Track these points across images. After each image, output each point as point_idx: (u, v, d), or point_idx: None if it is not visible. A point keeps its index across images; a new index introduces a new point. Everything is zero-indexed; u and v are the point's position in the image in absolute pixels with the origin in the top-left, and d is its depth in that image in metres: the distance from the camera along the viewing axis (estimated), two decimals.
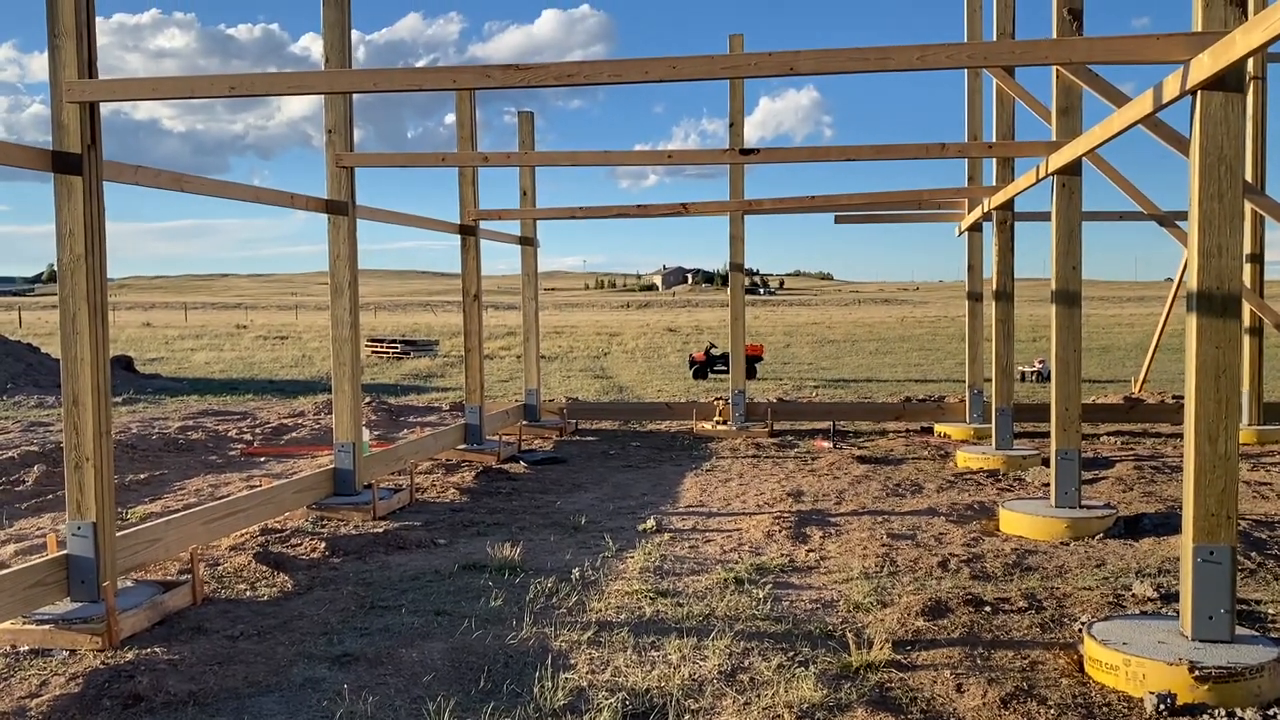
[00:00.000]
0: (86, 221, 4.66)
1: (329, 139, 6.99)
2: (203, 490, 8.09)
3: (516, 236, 11.26)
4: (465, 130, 9.20)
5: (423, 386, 17.46)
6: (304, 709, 3.70)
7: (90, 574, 4.71)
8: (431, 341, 27.57)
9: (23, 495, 7.79)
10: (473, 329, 9.84)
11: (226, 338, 34.46)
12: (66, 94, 4.58)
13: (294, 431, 11.29)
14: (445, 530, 6.56)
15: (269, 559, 5.69)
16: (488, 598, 4.99)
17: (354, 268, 7.14)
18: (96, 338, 4.73)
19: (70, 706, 3.73)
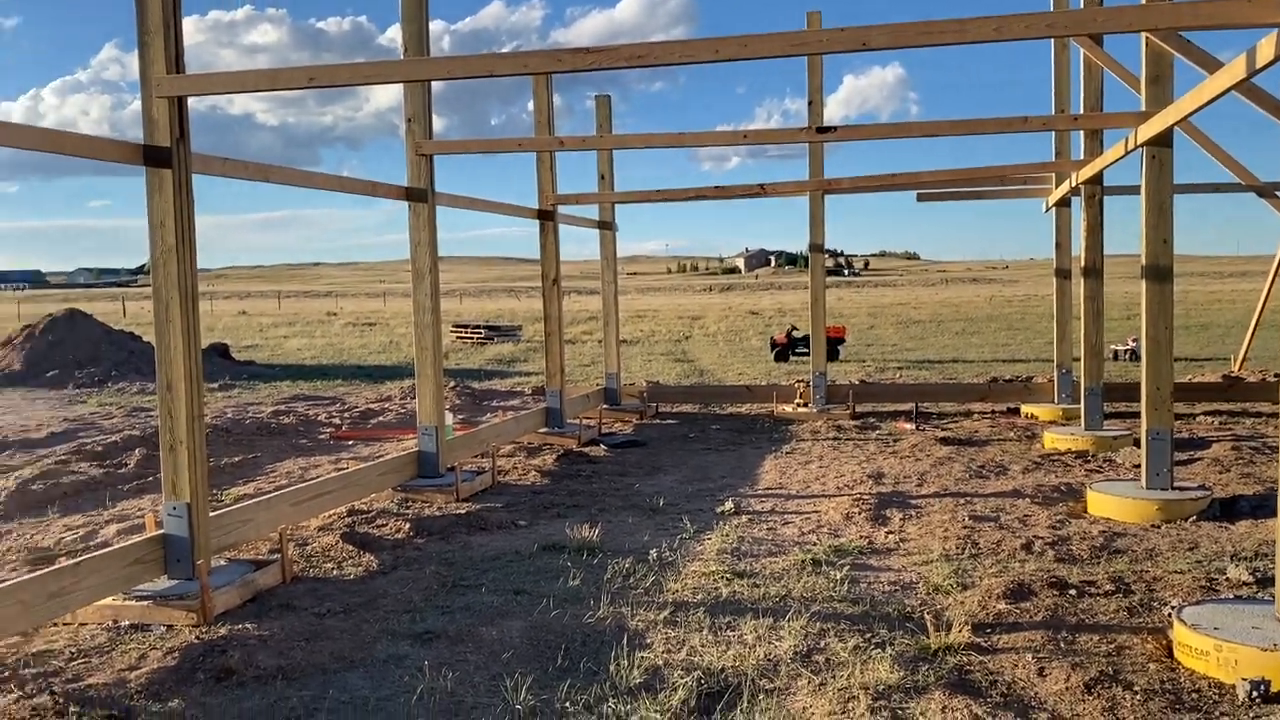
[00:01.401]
0: (177, 213, 4.82)
1: (409, 127, 7.11)
2: (293, 473, 8.34)
3: (595, 221, 11.31)
4: (542, 115, 9.25)
5: (505, 371, 17.69)
6: (387, 684, 3.80)
7: (185, 553, 4.89)
8: (515, 327, 27.88)
9: (125, 478, 8.12)
10: (553, 313, 9.93)
11: (317, 325, 35.35)
12: (156, 89, 4.74)
13: (381, 416, 11.55)
14: (526, 512, 6.65)
15: (355, 539, 5.85)
16: (566, 578, 5.05)
17: (434, 253, 7.26)
18: (188, 326, 4.90)
19: (167, 679, 3.89)
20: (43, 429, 10.97)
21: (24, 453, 9.38)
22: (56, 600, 4.33)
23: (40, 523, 6.69)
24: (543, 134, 9.08)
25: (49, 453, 9.16)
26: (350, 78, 4.76)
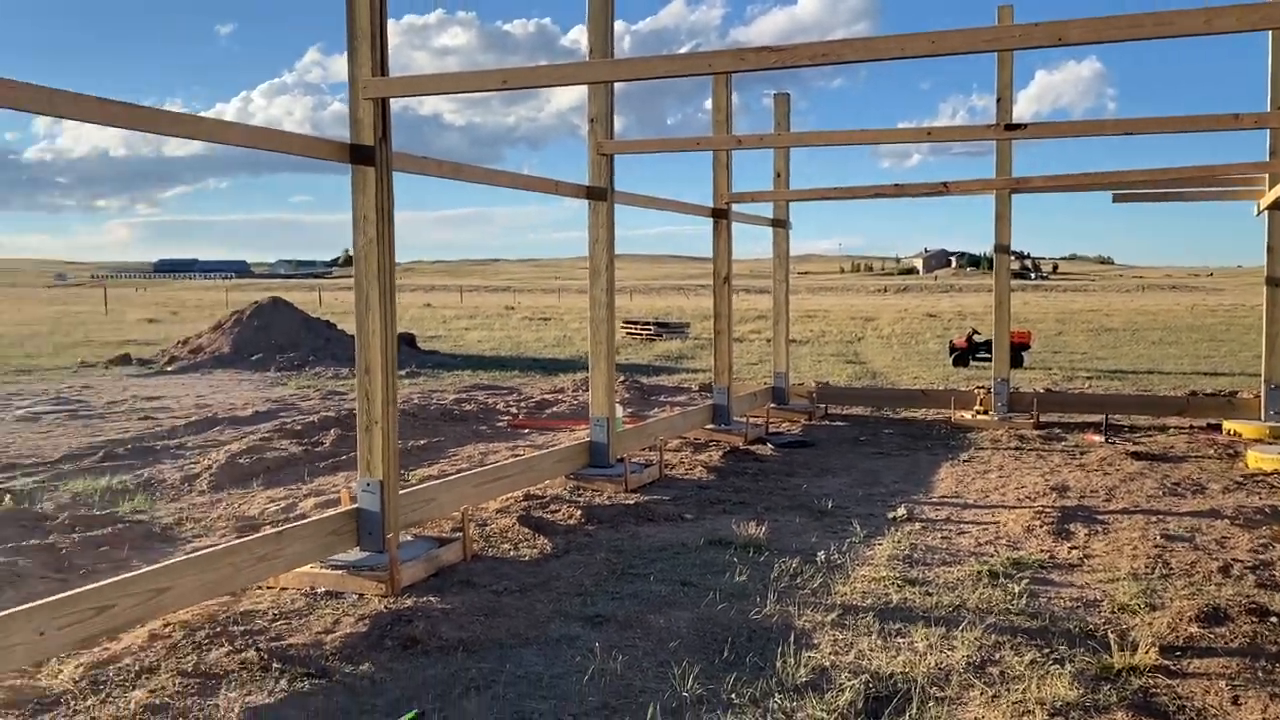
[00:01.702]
0: (378, 208, 5.13)
1: (591, 127, 7.30)
2: (473, 457, 8.70)
3: (769, 219, 11.28)
4: (720, 114, 9.31)
5: (673, 367, 17.87)
6: (560, 662, 3.94)
7: (376, 527, 5.20)
8: (683, 324, 28.09)
9: (321, 455, 8.67)
10: (723, 311, 9.98)
11: (496, 318, 36.62)
12: (362, 91, 5.06)
13: (555, 406, 11.89)
14: (693, 506, 6.73)
15: (530, 522, 6.07)
16: (732, 573, 5.10)
17: (611, 251, 7.43)
18: (385, 314, 5.20)
19: (358, 644, 4.16)
20: (248, 408, 11.82)
21: (232, 429, 10.15)
22: (263, 564, 4.69)
23: (246, 494, 7.23)
24: (720, 132, 9.13)
25: (254, 430, 9.87)
26: (539, 80, 4.94)
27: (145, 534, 6.00)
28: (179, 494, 7.23)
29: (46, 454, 8.66)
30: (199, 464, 8.07)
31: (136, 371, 16.76)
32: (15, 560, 5.19)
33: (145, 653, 4.07)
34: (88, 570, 5.25)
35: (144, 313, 39.74)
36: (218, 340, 18.97)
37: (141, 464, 8.25)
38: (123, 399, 12.81)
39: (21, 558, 5.26)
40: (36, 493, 7.11)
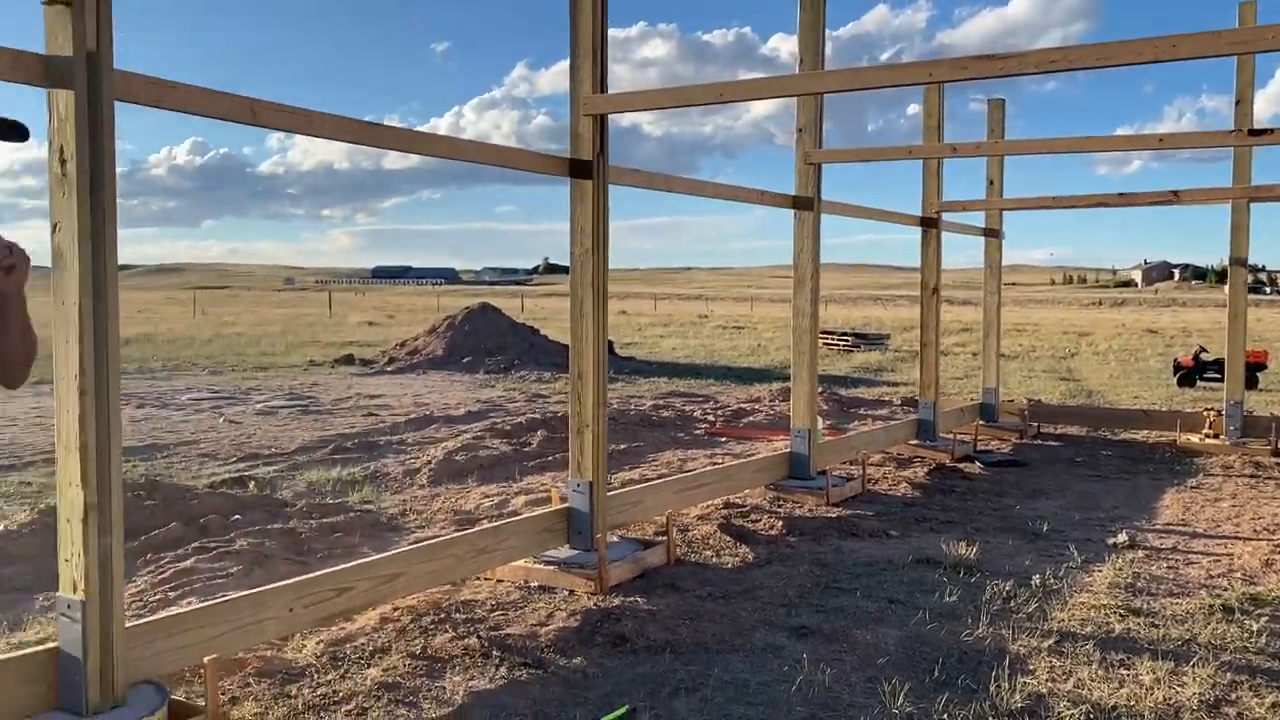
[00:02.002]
0: (594, 220, 5.32)
1: (799, 137, 7.29)
2: (672, 463, 8.83)
3: (980, 228, 10.92)
4: (932, 121, 9.09)
5: (872, 380, 17.53)
6: (766, 670, 3.97)
7: (585, 526, 5.38)
8: (882, 335, 27.49)
9: (529, 455, 9.02)
10: (930, 323, 9.73)
11: (690, 326, 36.94)
12: (583, 108, 5.26)
13: (751, 415, 11.91)
14: (897, 522, 6.60)
15: (732, 530, 6.12)
16: (941, 593, 4.97)
17: (817, 261, 7.40)
18: (598, 321, 5.38)
19: (570, 638, 4.32)
20: (460, 407, 12.44)
21: (447, 427, 10.71)
22: (482, 557, 4.95)
23: (462, 489, 7.62)
24: (932, 140, 8.92)
25: (467, 428, 10.38)
26: (755, 93, 4.99)
27: (373, 523, 6.43)
28: (402, 487, 7.70)
29: (283, 445, 9.40)
30: (418, 459, 8.56)
31: (359, 371, 17.92)
32: (263, 542, 5.68)
33: (377, 634, 4.38)
34: (324, 554, 5.68)
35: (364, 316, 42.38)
36: (432, 343, 20.03)
37: (367, 457, 8.83)
38: (348, 396, 13.74)
39: (268, 540, 5.75)
40: (277, 481, 7.74)
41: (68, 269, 3.20)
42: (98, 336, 3.22)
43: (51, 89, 3.22)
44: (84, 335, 3.19)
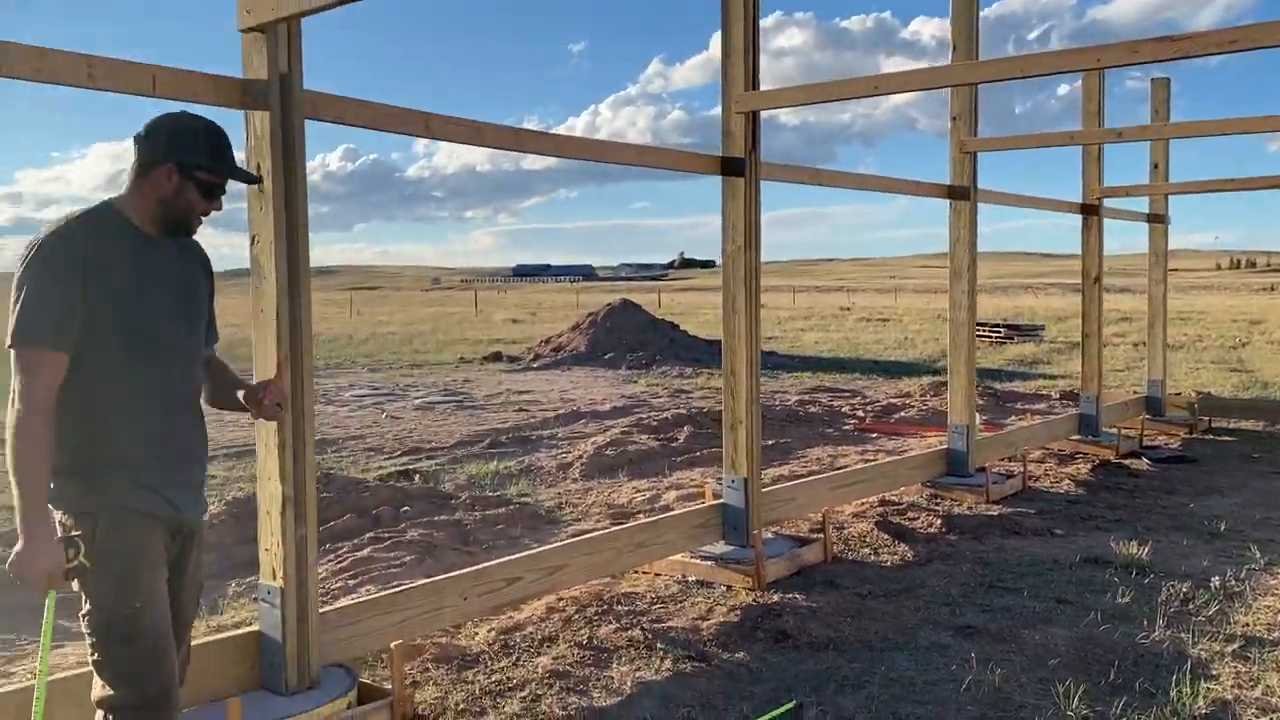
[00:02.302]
0: (746, 217, 5.34)
1: (953, 125, 7.14)
2: (821, 459, 8.78)
3: (1144, 214, 10.43)
4: (1092, 105, 8.74)
5: (1027, 373, 16.95)
6: (932, 669, 3.93)
7: (740, 522, 5.42)
8: (1036, 326, 26.50)
9: (677, 450, 9.11)
10: (1092, 313, 9.36)
11: (831, 319, 36.44)
12: (735, 105, 5.29)
13: (901, 411, 11.70)
14: (1061, 521, 6.39)
15: (889, 528, 6.05)
16: (1113, 594, 4.81)
17: (973, 251, 7.23)
18: (751, 318, 5.40)
19: (732, 633, 4.38)
20: (606, 403, 12.65)
21: (595, 422, 10.91)
22: (641, 550, 5.05)
23: (614, 483, 7.77)
24: (1092, 125, 8.57)
25: (614, 424, 10.55)
26: (910, 84, 4.92)
27: (532, 515, 6.63)
28: (555, 480, 7.91)
29: (443, 440, 9.78)
30: (570, 454, 8.77)
31: (507, 367, 18.42)
32: (431, 533, 5.94)
33: (544, 623, 4.53)
34: (488, 545, 5.90)
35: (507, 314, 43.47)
36: (575, 340, 20.41)
37: (521, 451, 9.10)
38: (498, 392, 14.15)
39: (436, 531, 6.00)
40: (439, 474, 8.06)
41: (266, 278, 3.43)
42: (294, 341, 3.45)
43: (249, 110, 3.46)
44: (281, 340, 3.42)
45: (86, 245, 2.37)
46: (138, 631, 2.41)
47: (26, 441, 2.27)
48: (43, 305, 2.30)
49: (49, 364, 2.31)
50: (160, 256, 2.52)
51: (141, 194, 2.50)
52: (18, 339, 2.29)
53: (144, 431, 2.46)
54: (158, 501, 2.48)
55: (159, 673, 2.45)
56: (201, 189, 2.52)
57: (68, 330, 2.33)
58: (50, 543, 2.29)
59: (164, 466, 2.50)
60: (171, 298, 2.52)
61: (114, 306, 2.38)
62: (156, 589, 2.47)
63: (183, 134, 2.51)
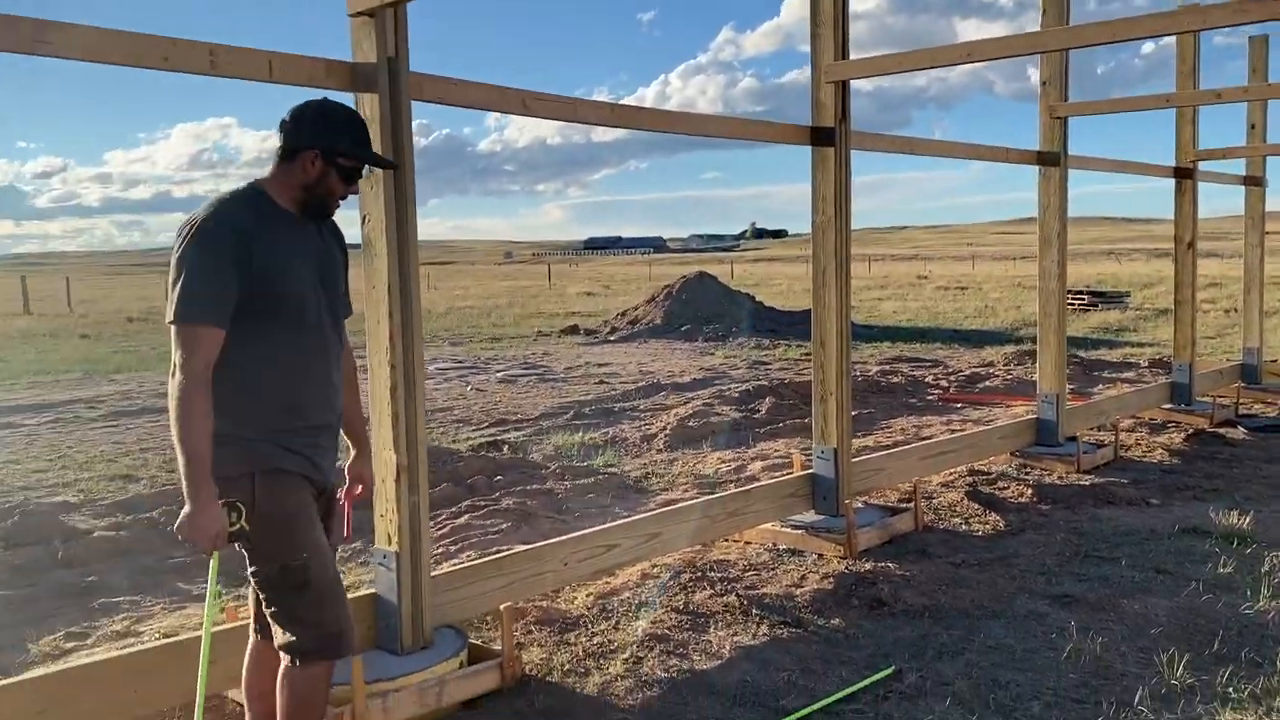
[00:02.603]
0: (836, 187, 5.34)
1: (1043, 90, 7.01)
2: (906, 429, 8.74)
3: (1240, 176, 10.11)
4: (1186, 65, 8.49)
5: (1114, 340, 16.59)
6: (1031, 637, 3.95)
7: (831, 491, 5.46)
8: (1121, 293, 25.83)
9: (759, 421, 9.15)
10: (1185, 279, 9.13)
11: (909, 288, 35.94)
12: (825, 75, 5.28)
13: (985, 380, 11.56)
14: (1156, 490, 6.30)
15: (979, 498, 6.04)
16: (1214, 564, 4.75)
17: (1064, 219, 7.11)
18: (841, 290, 5.42)
19: (826, 600, 4.43)
20: (685, 375, 12.72)
21: (675, 394, 10.99)
22: (733, 519, 5.13)
23: (698, 454, 7.84)
24: (1187, 86, 8.33)
25: (694, 395, 10.62)
26: (1005, 50, 4.85)
27: (620, 485, 6.75)
28: (640, 451, 8.02)
29: (527, 412, 9.95)
30: (653, 425, 8.86)
31: (584, 340, 18.58)
32: (525, 501, 6.09)
33: (641, 588, 4.64)
34: (580, 513, 6.03)
35: (581, 287, 43.73)
36: (651, 312, 20.50)
37: (605, 423, 9.22)
38: (577, 364, 14.31)
39: (529, 499, 6.15)
40: (527, 444, 8.23)
41: (377, 255, 3.56)
42: (404, 315, 3.58)
43: (359, 93, 3.57)
44: (393, 315, 3.55)
45: (239, 225, 2.50)
46: (307, 580, 2.59)
47: (188, 413, 2.41)
48: (202, 284, 2.44)
49: (208, 339, 2.44)
50: (303, 234, 2.67)
51: (286, 177, 2.64)
52: (180, 317, 2.43)
53: (291, 400, 2.61)
54: (304, 464, 2.64)
55: (334, 615, 2.64)
56: (342, 174, 2.67)
57: (224, 307, 2.46)
58: (214, 507, 2.44)
59: (309, 431, 2.66)
60: (314, 273, 2.66)
61: (264, 283, 2.52)
62: (318, 539, 2.65)
63: (327, 121, 2.64)
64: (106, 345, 18.72)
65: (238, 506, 2.51)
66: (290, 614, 2.61)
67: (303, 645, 2.62)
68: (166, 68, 3.15)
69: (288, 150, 2.63)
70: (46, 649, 4.13)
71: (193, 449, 2.41)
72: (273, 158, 2.67)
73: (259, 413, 2.57)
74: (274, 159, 2.67)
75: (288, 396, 2.61)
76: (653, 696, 3.54)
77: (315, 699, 2.70)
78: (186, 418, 2.41)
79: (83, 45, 2.97)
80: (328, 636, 2.64)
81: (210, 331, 2.45)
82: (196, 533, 2.43)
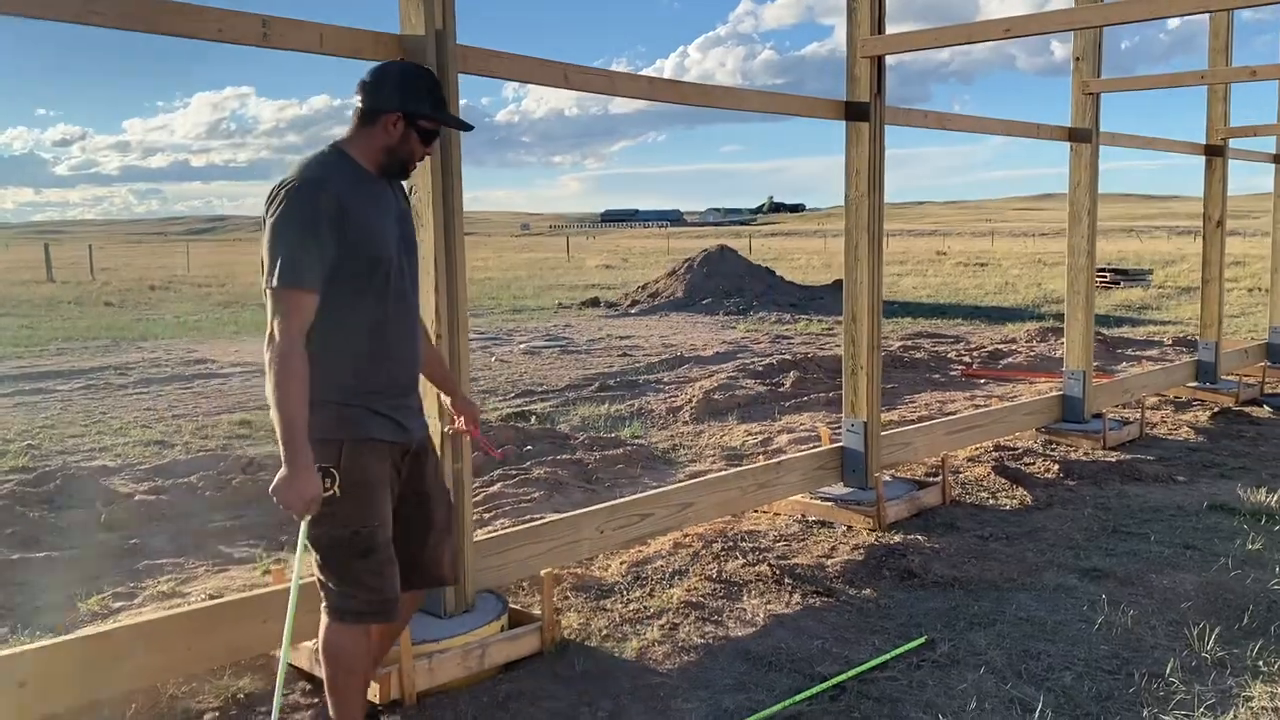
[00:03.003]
0: (870, 162, 5.36)
1: (1075, 65, 6.98)
2: (930, 405, 8.78)
3: (1271, 155, 10.03)
4: (1219, 42, 8.42)
5: (1136, 319, 16.53)
6: (1060, 610, 4.00)
7: (860, 464, 5.52)
8: (1144, 271, 25.69)
9: (783, 395, 9.21)
10: (1213, 258, 9.10)
11: (928, 264, 35.78)
12: (860, 50, 5.28)
13: (1008, 357, 11.57)
14: (1183, 468, 6.34)
15: (1006, 473, 6.08)
16: (1243, 540, 4.79)
17: (1094, 195, 7.10)
18: (874, 264, 5.45)
19: (857, 570, 4.50)
20: (708, 349, 12.77)
21: (699, 367, 11.04)
22: (764, 490, 5.20)
23: (724, 426, 7.91)
24: (1220, 62, 8.27)
25: (719, 369, 10.67)
26: (1043, 27, 4.85)
27: (648, 456, 6.82)
28: (667, 423, 8.09)
29: (553, 383, 10.03)
30: (679, 398, 8.92)
31: (605, 313, 18.64)
32: (556, 471, 6.17)
33: (673, 557, 4.71)
34: (610, 483, 6.11)
35: (599, 259, 43.68)
36: (672, 285, 20.52)
37: (630, 395, 9.29)
38: (600, 337, 14.38)
39: (560, 469, 6.23)
40: (554, 415, 8.31)
41: (425, 226, 3.60)
42: (451, 285, 3.64)
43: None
44: (439, 285, 3.61)
45: (328, 189, 2.54)
46: (373, 546, 2.67)
47: (286, 377, 2.45)
48: (296, 249, 2.47)
49: (304, 304, 2.49)
50: (385, 195, 2.73)
51: (368, 139, 2.69)
52: (283, 281, 2.46)
53: (380, 361, 2.68)
54: (391, 427, 2.71)
55: (389, 581, 2.72)
56: (423, 136, 2.73)
57: (318, 271, 2.50)
58: (310, 472, 2.49)
59: (396, 393, 2.74)
60: (397, 234, 2.73)
61: (356, 246, 2.57)
62: (388, 511, 2.72)
63: (408, 84, 2.69)
64: (130, 313, 18.89)
65: (331, 472, 2.58)
66: (353, 577, 2.68)
67: (358, 607, 2.70)
68: (220, 39, 3.20)
69: (369, 112, 2.68)
70: (95, 608, 4.24)
71: (290, 413, 2.45)
72: (352, 118, 2.71)
73: (350, 376, 2.63)
74: (353, 120, 2.71)
75: (377, 359, 2.67)
76: (690, 661, 3.62)
77: (360, 660, 2.80)
78: (285, 382, 2.45)
79: (134, 15, 3.01)
80: (383, 601, 2.72)
81: (307, 296, 2.49)
82: (292, 496, 2.47)
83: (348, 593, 2.70)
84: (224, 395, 9.58)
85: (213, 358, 12.31)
